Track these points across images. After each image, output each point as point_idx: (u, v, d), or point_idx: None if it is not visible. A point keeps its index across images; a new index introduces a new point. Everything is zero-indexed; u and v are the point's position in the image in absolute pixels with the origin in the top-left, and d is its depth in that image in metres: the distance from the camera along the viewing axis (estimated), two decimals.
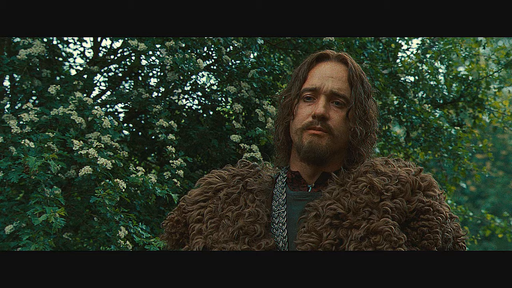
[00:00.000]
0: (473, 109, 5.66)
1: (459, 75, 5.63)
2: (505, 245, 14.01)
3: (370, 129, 2.10)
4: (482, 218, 6.21)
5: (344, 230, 1.96)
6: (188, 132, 4.77)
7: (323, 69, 2.11)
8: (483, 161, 13.61)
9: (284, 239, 2.03)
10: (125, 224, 3.80)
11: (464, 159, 5.41)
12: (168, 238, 2.17)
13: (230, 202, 2.10)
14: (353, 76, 2.09)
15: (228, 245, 2.02)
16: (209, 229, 2.08)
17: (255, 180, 2.14)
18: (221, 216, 2.08)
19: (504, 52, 5.52)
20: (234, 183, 2.13)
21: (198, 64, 4.36)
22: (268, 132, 4.45)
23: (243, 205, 2.08)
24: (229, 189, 2.13)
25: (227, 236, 2.04)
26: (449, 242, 2.04)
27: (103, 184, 3.71)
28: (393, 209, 1.97)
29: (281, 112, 2.13)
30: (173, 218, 2.17)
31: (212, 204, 2.12)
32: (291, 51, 5.10)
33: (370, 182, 2.00)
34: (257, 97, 4.67)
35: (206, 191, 2.15)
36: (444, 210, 2.03)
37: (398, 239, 1.93)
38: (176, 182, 4.13)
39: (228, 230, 2.05)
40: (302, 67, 2.14)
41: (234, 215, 2.06)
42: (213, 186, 2.15)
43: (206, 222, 2.09)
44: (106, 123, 4.01)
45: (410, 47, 5.59)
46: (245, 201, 2.09)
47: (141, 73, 5.01)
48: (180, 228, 2.15)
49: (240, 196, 2.10)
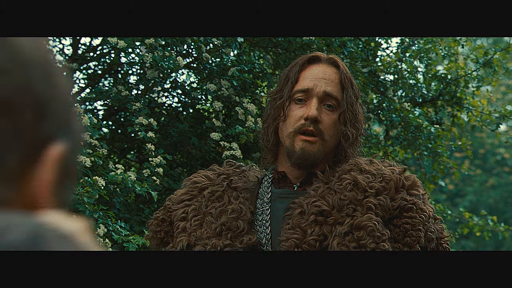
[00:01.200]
0: (452, 108, 5.69)
1: (438, 74, 5.66)
2: (483, 243, 14.11)
3: (359, 132, 2.13)
4: (460, 217, 6.25)
5: (329, 226, 1.97)
6: (167, 130, 4.76)
7: (315, 71, 2.12)
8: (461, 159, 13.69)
9: (267, 236, 2.04)
10: (104, 222, 3.78)
11: (443, 156, 5.44)
12: (153, 237, 2.17)
13: (214, 199, 2.11)
14: (345, 79, 2.11)
15: (211, 241, 2.03)
16: (193, 226, 2.08)
17: (240, 178, 2.15)
18: (205, 213, 2.10)
19: (483, 51, 5.56)
20: (219, 182, 2.14)
21: (178, 61, 4.34)
22: (248, 130, 4.45)
23: (226, 202, 2.10)
24: (214, 187, 2.14)
25: (210, 233, 2.05)
26: (432, 242, 2.05)
27: (82, 182, 3.69)
28: (377, 206, 1.98)
29: (271, 113, 2.13)
30: (158, 217, 2.17)
31: (196, 202, 2.12)
32: (271, 50, 5.10)
33: (354, 179, 2.02)
34: (237, 95, 4.66)
35: (192, 190, 2.16)
36: (428, 210, 2.05)
37: (382, 235, 1.95)
38: (155, 179, 4.12)
39: (211, 226, 2.06)
40: (293, 69, 2.14)
41: (217, 212, 2.08)
42: (198, 185, 2.16)
43: (190, 220, 2.10)
44: (85, 120, 4.00)
45: (390, 46, 5.62)
46: (228, 198, 2.10)
47: (120, 70, 4.99)
48: (165, 227, 2.15)
49: (224, 193, 2.12)
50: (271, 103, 2.15)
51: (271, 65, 5.09)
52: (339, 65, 2.13)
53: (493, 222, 5.92)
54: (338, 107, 2.09)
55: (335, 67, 2.13)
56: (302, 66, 2.13)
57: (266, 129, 2.14)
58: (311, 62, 2.14)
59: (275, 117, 2.12)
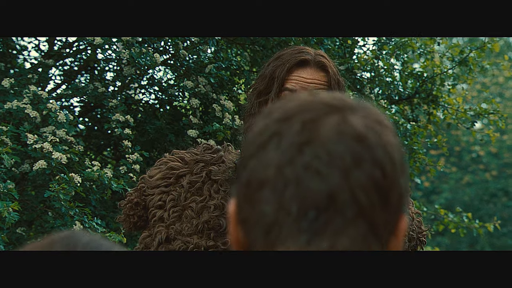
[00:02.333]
0: (428, 106, 5.73)
1: (414, 72, 5.69)
2: (458, 239, 14.23)
3: None
4: (435, 214, 6.29)
5: None
6: (144, 127, 4.74)
7: (303, 75, 2.09)
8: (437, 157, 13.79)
9: None
10: (80, 219, 3.76)
11: (419, 153, 5.47)
12: (126, 220, 2.12)
13: (194, 191, 2.07)
14: (333, 83, 2.10)
15: (193, 239, 2.00)
16: (172, 218, 2.05)
17: (219, 168, 2.11)
18: (184, 206, 2.06)
19: (458, 49, 5.59)
20: (198, 171, 2.10)
21: (155, 58, 4.33)
22: (226, 127, 4.44)
23: (207, 196, 2.06)
24: (192, 177, 2.09)
25: (191, 229, 2.02)
26: (413, 240, 2.06)
27: (58, 179, 3.67)
28: None
29: (256, 111, 2.09)
30: (132, 200, 2.12)
31: (174, 191, 2.08)
32: (249, 47, 5.10)
33: None
34: (215, 92, 4.66)
35: (168, 176, 2.10)
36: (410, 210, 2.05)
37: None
38: (132, 176, 4.11)
39: (192, 222, 2.03)
40: (279, 68, 2.10)
41: (199, 207, 2.04)
42: (175, 172, 2.10)
43: (168, 210, 2.06)
44: (61, 117, 3.97)
45: (367, 44, 5.64)
46: (209, 192, 2.07)
47: (97, 67, 4.97)
48: (139, 211, 2.11)
49: (204, 185, 2.08)
50: (253, 101, 2.12)
51: (248, 62, 5.09)
52: (328, 70, 2.11)
53: (468, 219, 5.97)
54: None
55: (324, 71, 2.11)
56: (290, 69, 2.10)
57: (248, 127, 2.10)
58: (300, 65, 2.11)
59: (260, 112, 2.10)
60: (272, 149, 0.89)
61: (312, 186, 0.87)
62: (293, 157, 0.88)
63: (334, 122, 0.89)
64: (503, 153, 16.17)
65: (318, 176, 0.87)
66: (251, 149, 0.92)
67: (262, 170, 0.89)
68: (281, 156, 0.89)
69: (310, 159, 0.88)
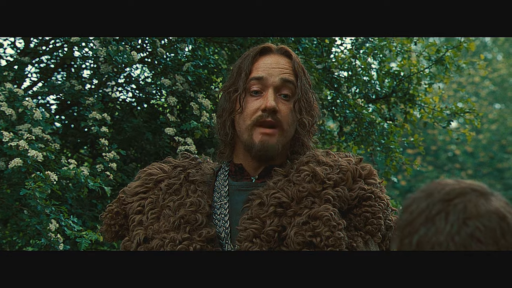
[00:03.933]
0: (405, 105, 5.76)
1: (391, 71, 5.72)
2: None
3: (314, 120, 2.14)
4: None
5: (288, 218, 1.98)
6: (121, 125, 4.72)
7: (268, 61, 2.12)
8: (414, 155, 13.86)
9: (226, 230, 2.04)
10: (56, 217, 3.74)
11: (396, 152, 5.50)
12: (107, 230, 2.15)
13: (171, 192, 2.10)
14: (298, 67, 2.12)
15: (169, 234, 2.02)
16: (150, 219, 2.07)
17: (197, 171, 2.14)
18: (162, 206, 2.08)
19: (435, 48, 5.63)
20: (176, 174, 2.13)
21: (132, 56, 4.31)
22: (203, 125, 4.44)
23: (184, 195, 2.08)
24: (171, 180, 2.12)
25: (168, 226, 2.03)
26: (390, 230, 2.08)
27: (34, 177, 3.64)
28: (335, 197, 2.00)
29: (227, 107, 2.12)
30: (112, 210, 2.15)
31: (153, 195, 2.11)
32: (226, 45, 5.10)
33: (312, 171, 2.03)
34: (192, 90, 4.65)
35: (147, 183, 2.14)
36: (385, 198, 2.09)
37: (337, 224, 1.97)
38: (109, 175, 4.09)
39: (169, 220, 2.04)
40: (245, 61, 2.13)
41: (176, 205, 2.06)
42: (153, 177, 2.14)
43: (147, 213, 2.08)
44: (37, 114, 3.94)
45: (344, 43, 5.65)
46: (186, 192, 2.09)
47: (73, 64, 4.93)
48: (120, 220, 2.13)
49: (181, 187, 2.10)
50: (225, 97, 2.14)
51: (226, 60, 5.08)
52: (291, 54, 2.14)
53: None
54: (292, 96, 2.10)
55: (287, 56, 2.14)
56: (254, 58, 2.13)
57: (222, 123, 2.13)
58: (263, 53, 2.14)
59: (231, 110, 2.11)
60: (441, 222, 1.34)
61: (475, 249, 1.30)
62: (460, 228, 1.32)
63: (484, 204, 1.34)
64: (478, 152, 16.32)
65: (479, 243, 1.31)
66: (419, 220, 1.36)
67: (434, 236, 1.32)
68: (450, 227, 1.32)
69: (473, 230, 1.32)
